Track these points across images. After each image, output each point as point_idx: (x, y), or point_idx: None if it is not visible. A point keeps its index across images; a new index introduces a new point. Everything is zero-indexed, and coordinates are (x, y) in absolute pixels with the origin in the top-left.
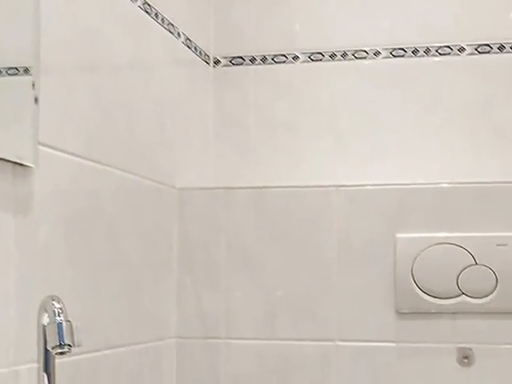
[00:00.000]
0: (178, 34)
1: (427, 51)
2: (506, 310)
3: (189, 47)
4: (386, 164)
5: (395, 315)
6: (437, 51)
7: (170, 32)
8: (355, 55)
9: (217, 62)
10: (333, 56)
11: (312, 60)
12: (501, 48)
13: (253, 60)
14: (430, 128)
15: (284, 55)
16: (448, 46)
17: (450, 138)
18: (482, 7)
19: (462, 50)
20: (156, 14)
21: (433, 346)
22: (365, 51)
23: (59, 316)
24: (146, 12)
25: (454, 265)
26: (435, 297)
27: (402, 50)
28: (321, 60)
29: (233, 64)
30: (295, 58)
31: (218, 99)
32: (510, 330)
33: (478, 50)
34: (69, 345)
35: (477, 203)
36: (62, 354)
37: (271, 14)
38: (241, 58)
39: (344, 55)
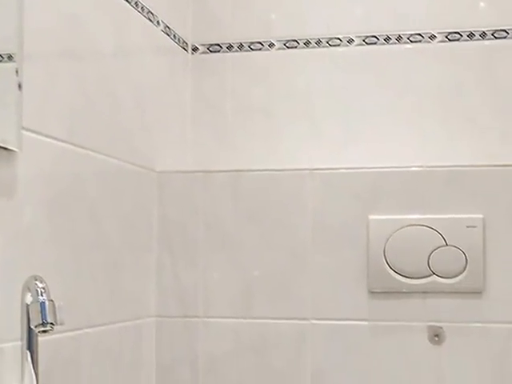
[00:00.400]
0: (158, 22)
1: (399, 39)
2: (475, 289)
3: (168, 35)
4: (359, 148)
5: (368, 294)
6: (408, 39)
7: (150, 20)
8: (329, 43)
9: (195, 49)
10: (307, 43)
11: (287, 47)
12: (470, 36)
13: (230, 47)
14: (402, 113)
15: (260, 42)
16: (419, 34)
17: (422, 122)
18: None
19: (432, 37)
20: (136, 2)
21: (404, 324)
22: (338, 39)
23: (42, 295)
24: (127, 0)
25: (425, 246)
26: (407, 277)
27: (375, 37)
28: (296, 47)
29: (210, 51)
30: (271, 45)
31: (196, 85)
32: (478, 309)
33: (449, 37)
34: (51, 323)
35: (447, 186)
36: (44, 332)
37: (247, 3)
38: (218, 45)
39: (318, 42)
